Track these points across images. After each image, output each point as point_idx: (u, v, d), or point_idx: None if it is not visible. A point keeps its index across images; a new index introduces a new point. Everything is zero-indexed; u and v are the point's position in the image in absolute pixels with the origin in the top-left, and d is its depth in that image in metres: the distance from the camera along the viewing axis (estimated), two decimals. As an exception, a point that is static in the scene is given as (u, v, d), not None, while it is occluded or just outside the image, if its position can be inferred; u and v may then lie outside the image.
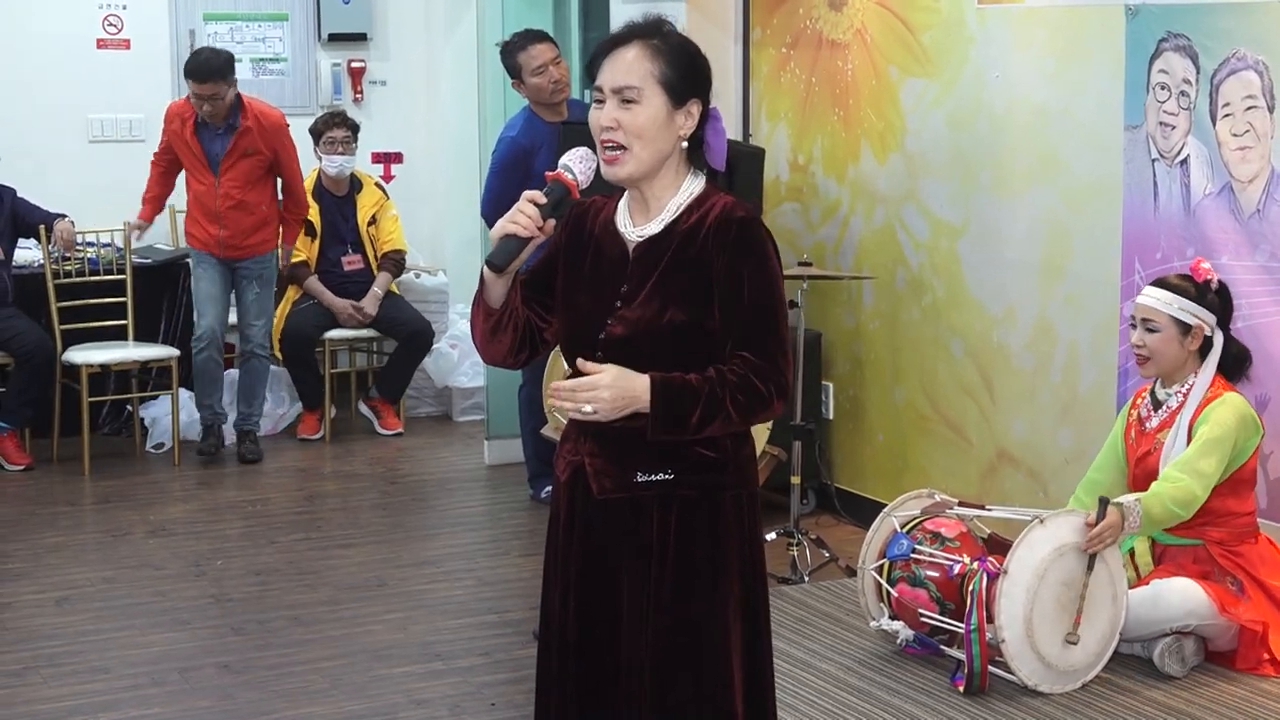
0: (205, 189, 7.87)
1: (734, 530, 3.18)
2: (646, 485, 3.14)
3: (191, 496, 7.46)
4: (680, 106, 3.12)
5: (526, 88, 6.91)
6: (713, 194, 3.17)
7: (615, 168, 3.12)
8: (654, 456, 3.13)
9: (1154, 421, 5.15)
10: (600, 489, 3.17)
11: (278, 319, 8.52)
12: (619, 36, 3.16)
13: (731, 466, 3.17)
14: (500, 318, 3.21)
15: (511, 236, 3.07)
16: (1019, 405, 6.10)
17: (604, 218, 3.25)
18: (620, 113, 3.10)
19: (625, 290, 3.14)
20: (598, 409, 3.01)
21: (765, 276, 3.10)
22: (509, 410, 7.51)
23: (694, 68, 3.15)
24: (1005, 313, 6.13)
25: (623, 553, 3.17)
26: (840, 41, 6.79)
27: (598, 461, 3.18)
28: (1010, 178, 6.07)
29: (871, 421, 6.84)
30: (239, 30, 9.39)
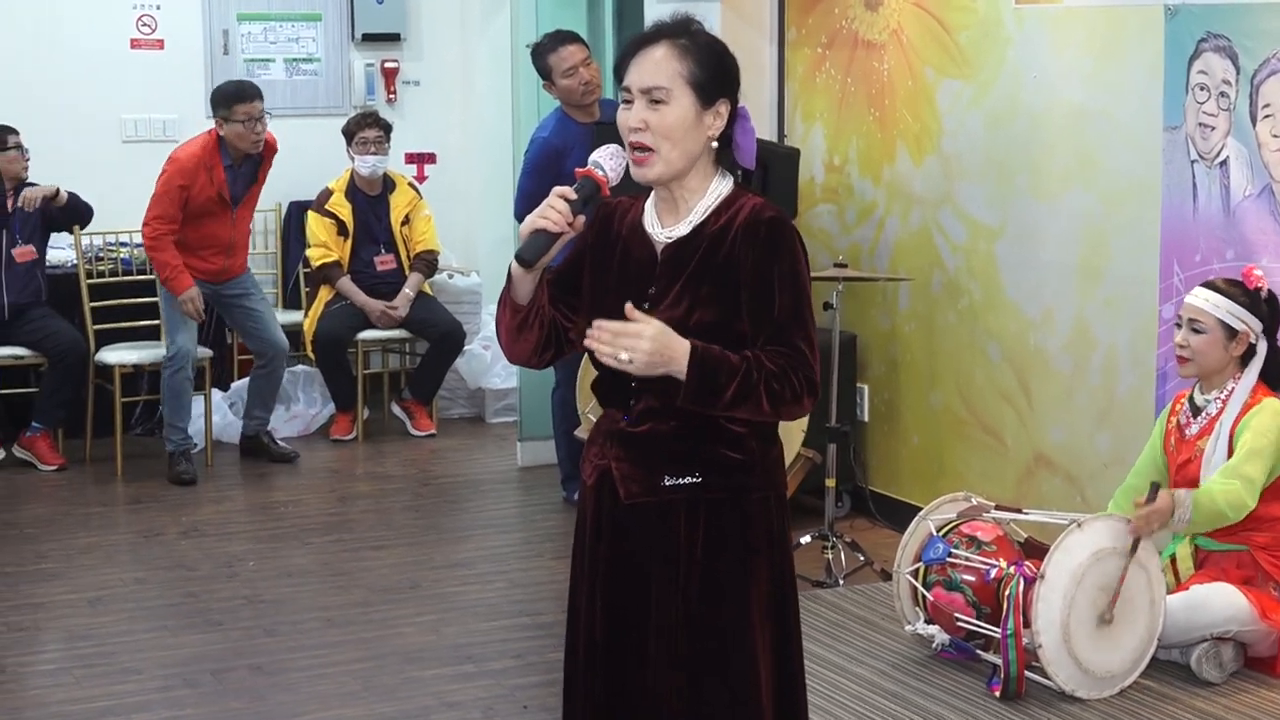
0: (221, 225, 7.84)
1: (762, 533, 3.18)
2: (674, 489, 3.14)
3: (224, 498, 7.49)
4: (709, 106, 3.12)
5: (557, 89, 6.92)
6: (741, 195, 3.17)
7: (644, 169, 3.12)
8: (681, 460, 3.13)
9: (1193, 429, 5.12)
10: (628, 494, 3.17)
11: (310, 320, 8.55)
12: (646, 36, 3.16)
13: (759, 469, 3.16)
14: (526, 315, 3.20)
15: (541, 232, 3.07)
16: (1056, 409, 6.08)
17: (631, 218, 3.24)
18: (648, 113, 3.10)
19: (653, 292, 3.14)
20: (634, 359, 2.96)
21: (795, 277, 3.09)
22: (542, 412, 7.51)
23: (722, 67, 3.15)
24: (1043, 315, 6.11)
25: (650, 557, 3.17)
26: (876, 42, 6.78)
27: (624, 466, 3.17)
28: (1048, 179, 6.05)
29: (907, 424, 6.83)
30: (272, 30, 9.42)
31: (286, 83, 9.45)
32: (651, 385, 3.12)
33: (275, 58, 9.44)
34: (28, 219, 7.96)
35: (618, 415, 3.20)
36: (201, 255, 7.79)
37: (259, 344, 8.06)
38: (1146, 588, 4.93)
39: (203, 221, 7.75)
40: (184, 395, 7.75)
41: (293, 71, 9.48)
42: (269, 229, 9.35)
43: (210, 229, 7.80)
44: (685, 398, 3.01)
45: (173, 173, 7.66)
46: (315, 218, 8.59)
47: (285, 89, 9.45)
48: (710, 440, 3.13)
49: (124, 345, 8.07)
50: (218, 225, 7.82)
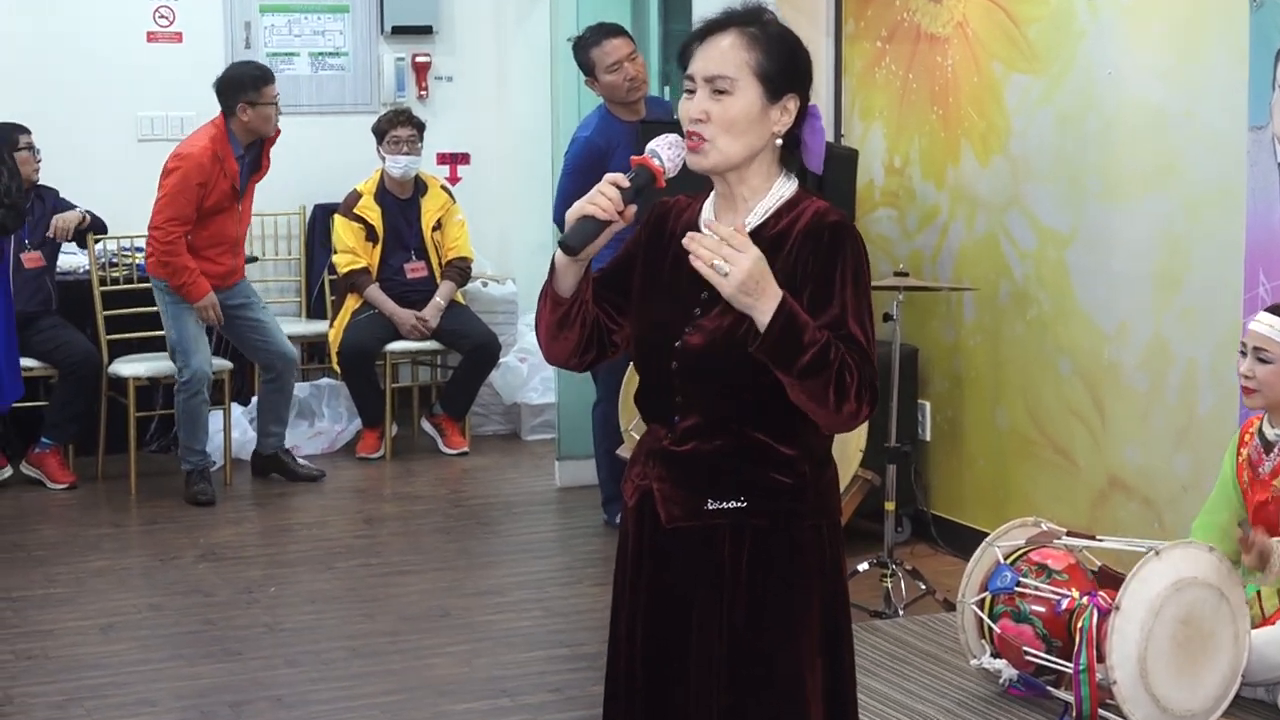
0: (229, 221, 7.87)
1: (813, 563, 3.16)
2: (717, 513, 3.13)
3: (243, 518, 7.52)
4: (776, 101, 3.12)
5: (600, 85, 6.94)
6: (804, 198, 3.17)
7: (699, 156, 3.12)
8: (725, 482, 3.12)
9: (1267, 466, 5.07)
10: (669, 517, 3.17)
11: (335, 330, 8.58)
12: (714, 23, 3.15)
13: (810, 493, 3.15)
14: (569, 310, 3.19)
15: (589, 218, 3.07)
16: (1132, 428, 6.06)
17: (687, 218, 3.24)
18: (711, 103, 3.10)
19: (705, 298, 3.13)
20: (730, 274, 2.93)
21: (857, 282, 3.09)
22: (582, 429, 7.52)
23: (793, 60, 3.15)
24: (1117, 328, 6.09)
25: (693, 585, 3.16)
26: (940, 35, 6.77)
27: (666, 487, 3.17)
28: (1123, 183, 6.03)
29: (972, 444, 6.81)
30: (297, 22, 9.46)
31: (311, 78, 9.49)
32: (697, 400, 3.12)
33: (300, 51, 9.48)
34: (38, 225, 8.02)
35: (661, 432, 3.20)
36: (209, 256, 7.79)
37: (267, 356, 8.06)
38: (1230, 621, 4.90)
39: (213, 219, 7.77)
40: (200, 418, 7.78)
41: (318, 66, 9.52)
42: (292, 234, 9.40)
43: (219, 226, 7.81)
44: (763, 344, 2.97)
45: (188, 170, 7.65)
46: (342, 222, 8.62)
47: (310, 85, 9.50)
48: (757, 462, 3.12)
49: (139, 357, 8.11)
50: (226, 221, 7.84)
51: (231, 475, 8.07)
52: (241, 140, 7.80)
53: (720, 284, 2.95)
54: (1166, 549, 4.90)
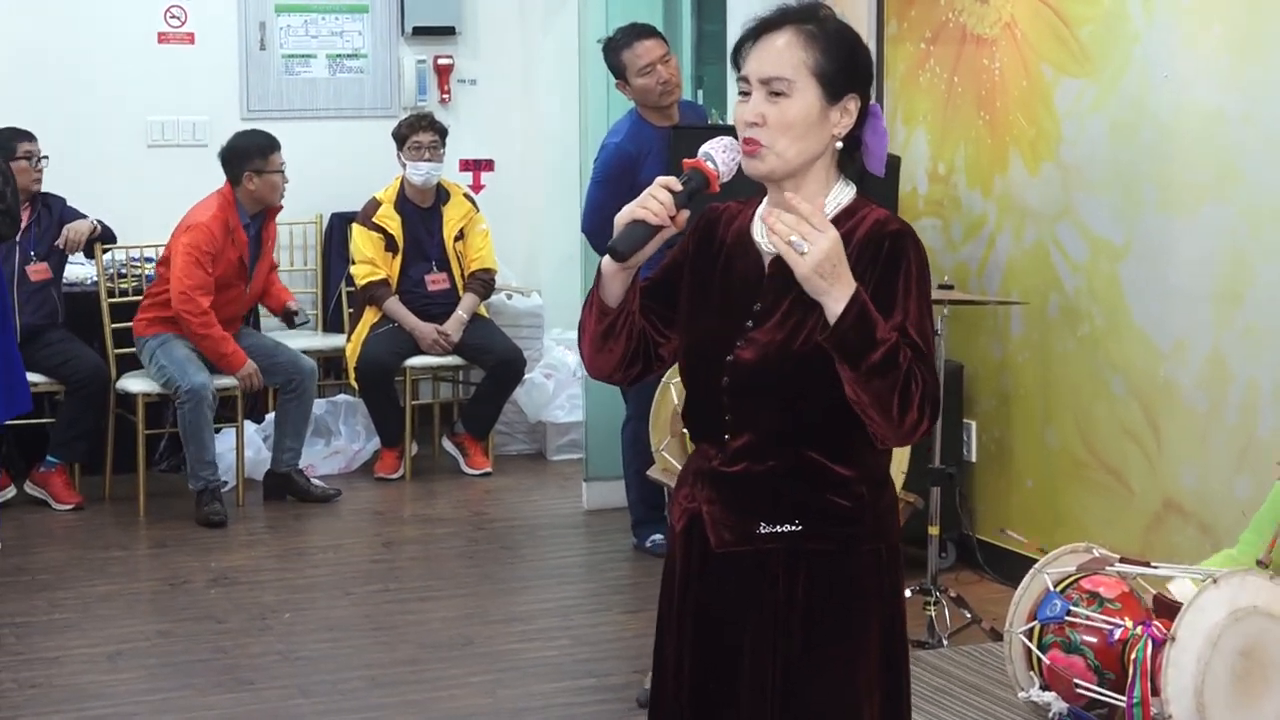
0: (236, 299, 8.04)
1: (872, 590, 3.16)
2: (770, 538, 3.13)
3: (257, 542, 7.54)
4: (836, 102, 3.12)
5: (632, 89, 6.95)
6: (864, 205, 3.16)
7: (756, 161, 3.11)
8: (779, 505, 3.12)
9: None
10: (719, 541, 3.17)
11: (353, 344, 8.60)
12: (769, 20, 3.16)
13: (869, 516, 3.15)
14: (614, 320, 3.19)
15: (639, 223, 3.07)
16: (1189, 450, 6.04)
17: (738, 226, 3.24)
18: (767, 106, 3.10)
19: (758, 309, 3.14)
20: (808, 252, 2.92)
21: (921, 297, 3.09)
22: (610, 448, 7.53)
23: (853, 58, 3.14)
24: (1174, 345, 6.08)
25: (745, 611, 3.16)
26: (987, 36, 6.77)
27: (716, 509, 3.17)
28: (1180, 192, 6.02)
29: (1020, 465, 6.80)
30: (314, 23, 9.50)
31: (329, 81, 9.53)
32: (749, 418, 3.12)
33: (317, 53, 9.52)
34: (44, 234, 8.05)
35: (710, 452, 3.20)
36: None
37: (282, 371, 8.09)
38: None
39: (218, 295, 7.90)
40: (204, 431, 7.80)
41: (336, 69, 9.56)
42: (308, 244, 9.43)
43: (224, 299, 7.95)
44: (834, 333, 2.95)
45: (198, 238, 7.80)
46: (360, 231, 8.65)
47: (328, 88, 9.54)
48: (813, 483, 3.12)
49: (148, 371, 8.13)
50: (232, 299, 8.00)
51: (244, 496, 8.09)
52: (249, 209, 7.99)
53: (796, 263, 2.94)
54: (1224, 576, 4.88)
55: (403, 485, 8.52)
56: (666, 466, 5.74)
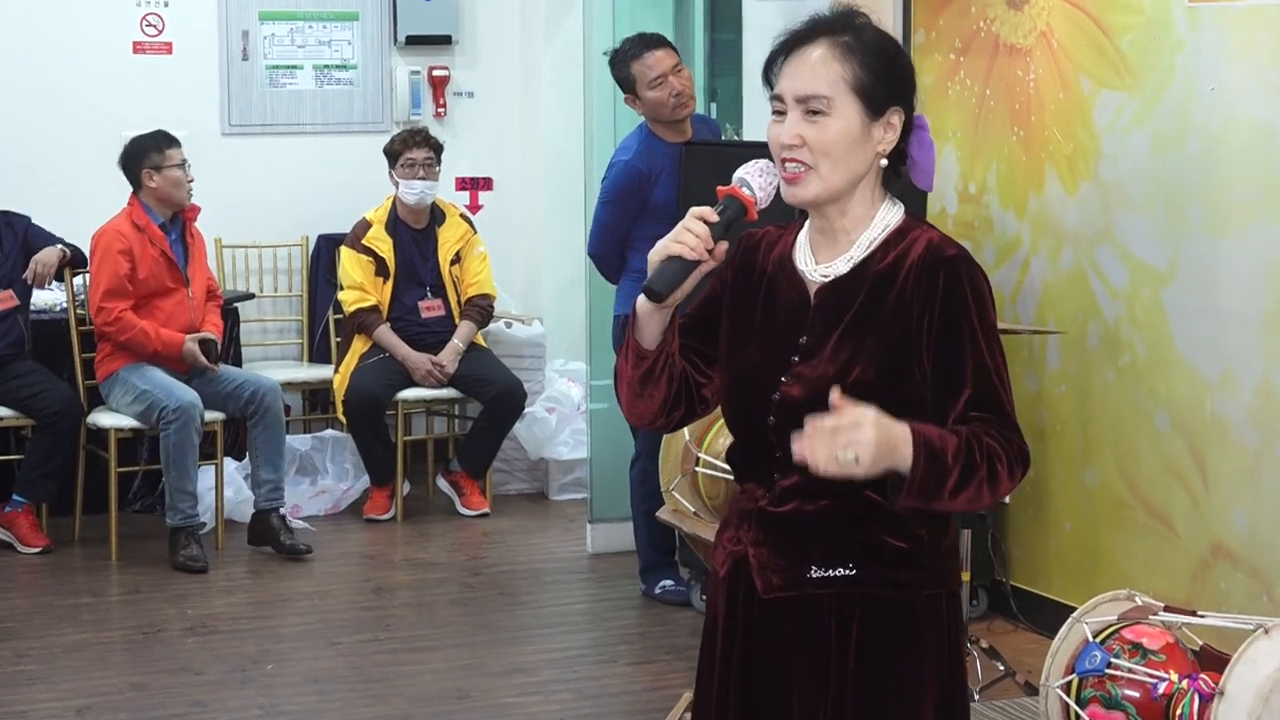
0: (178, 304, 8.05)
1: (931, 639, 3.16)
2: (822, 582, 3.12)
3: (237, 587, 7.54)
4: (878, 117, 3.11)
5: (643, 103, 6.96)
6: (914, 226, 3.16)
7: (797, 187, 3.11)
8: (832, 547, 3.12)
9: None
10: (767, 586, 3.16)
11: (341, 376, 8.61)
12: (801, 33, 3.15)
13: (928, 560, 3.15)
14: (654, 364, 3.18)
15: (675, 259, 3.06)
16: (1238, 490, 6.04)
17: (779, 253, 3.24)
18: (806, 127, 3.09)
19: (804, 343, 3.13)
20: (860, 455, 2.88)
21: (990, 330, 3.09)
22: (617, 488, 7.53)
23: (894, 69, 3.14)
24: (1221, 376, 6.08)
25: (794, 663, 3.16)
26: (1021, 46, 6.79)
27: (763, 553, 3.16)
28: (1228, 212, 6.02)
29: (1057, 507, 6.80)
30: (300, 31, 9.54)
31: (316, 93, 9.56)
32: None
33: (303, 64, 9.56)
34: (7, 258, 8.06)
35: (758, 492, 3.20)
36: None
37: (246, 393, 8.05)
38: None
39: (158, 303, 7.96)
40: (189, 455, 7.80)
41: (324, 80, 9.59)
42: (293, 267, 9.45)
43: (168, 312, 7.99)
44: (908, 494, 2.97)
45: (107, 241, 7.94)
46: (350, 254, 8.66)
47: (314, 101, 9.57)
48: (868, 524, 3.11)
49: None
50: (175, 305, 8.02)
51: (224, 538, 8.09)
52: (160, 213, 8.03)
53: (854, 471, 2.89)
54: (1276, 626, 4.88)
55: (394, 527, 8.52)
56: (677, 507, 5.74)
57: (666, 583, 7.20)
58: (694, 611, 6.92)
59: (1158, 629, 5.20)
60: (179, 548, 7.74)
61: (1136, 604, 5.32)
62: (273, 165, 9.39)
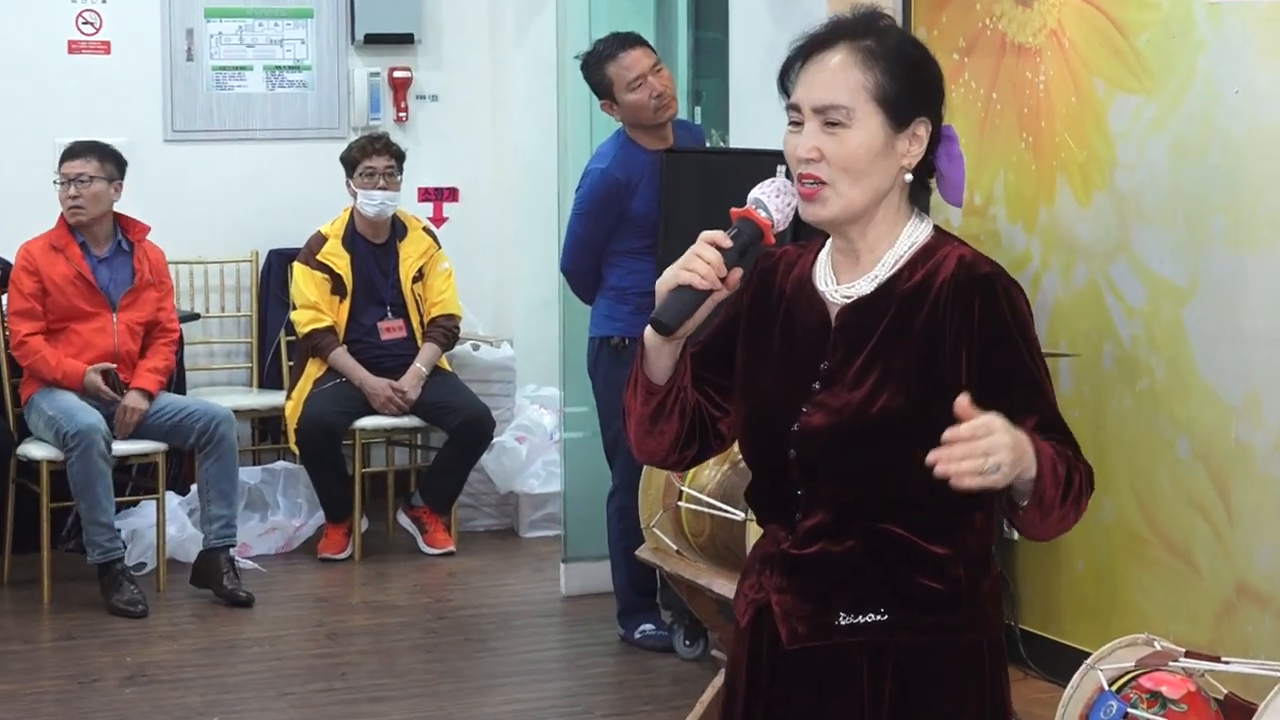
0: (99, 331, 8.03)
1: (971, 689, 3.16)
2: (852, 629, 3.12)
3: (180, 633, 7.52)
4: (903, 129, 3.12)
5: (620, 107, 6.96)
6: (944, 243, 3.16)
7: (816, 206, 3.11)
8: (862, 592, 3.11)
9: None
10: (792, 636, 3.16)
11: (293, 403, 8.60)
12: (819, 38, 3.14)
13: (967, 603, 3.14)
14: (665, 399, 3.19)
15: (685, 288, 3.06)
16: (1266, 525, 6.05)
17: (798, 274, 3.24)
18: (824, 139, 3.09)
19: (826, 368, 3.13)
20: (1002, 462, 2.84)
21: (1033, 347, 3.10)
22: (593, 525, 7.53)
23: (920, 76, 3.15)
24: (1247, 401, 6.09)
25: (825, 716, 3.15)
26: (1030, 46, 6.80)
27: (787, 599, 3.16)
28: (1253, 224, 6.04)
29: (1069, 543, 6.80)
30: (250, 30, 9.53)
31: (267, 97, 9.56)
32: (822, 493, 3.11)
33: (253, 65, 9.55)
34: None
35: (780, 534, 3.19)
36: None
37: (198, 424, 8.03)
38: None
39: (75, 326, 7.96)
40: (98, 484, 7.75)
41: (275, 83, 9.59)
42: (242, 285, 9.44)
43: (85, 335, 7.98)
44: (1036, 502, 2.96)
45: (18, 259, 8.01)
46: (303, 271, 8.66)
47: (265, 105, 9.56)
48: (901, 565, 3.11)
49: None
50: (95, 331, 8.00)
51: (166, 579, 8.07)
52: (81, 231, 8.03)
53: (995, 482, 2.86)
54: (1308, 672, 4.89)
55: (351, 567, 8.51)
56: (658, 545, 5.75)
57: (647, 627, 7.19)
58: (676, 658, 6.91)
59: (1179, 676, 5.21)
60: (115, 589, 7.72)
61: (1155, 649, 5.33)
62: (219, 175, 9.37)
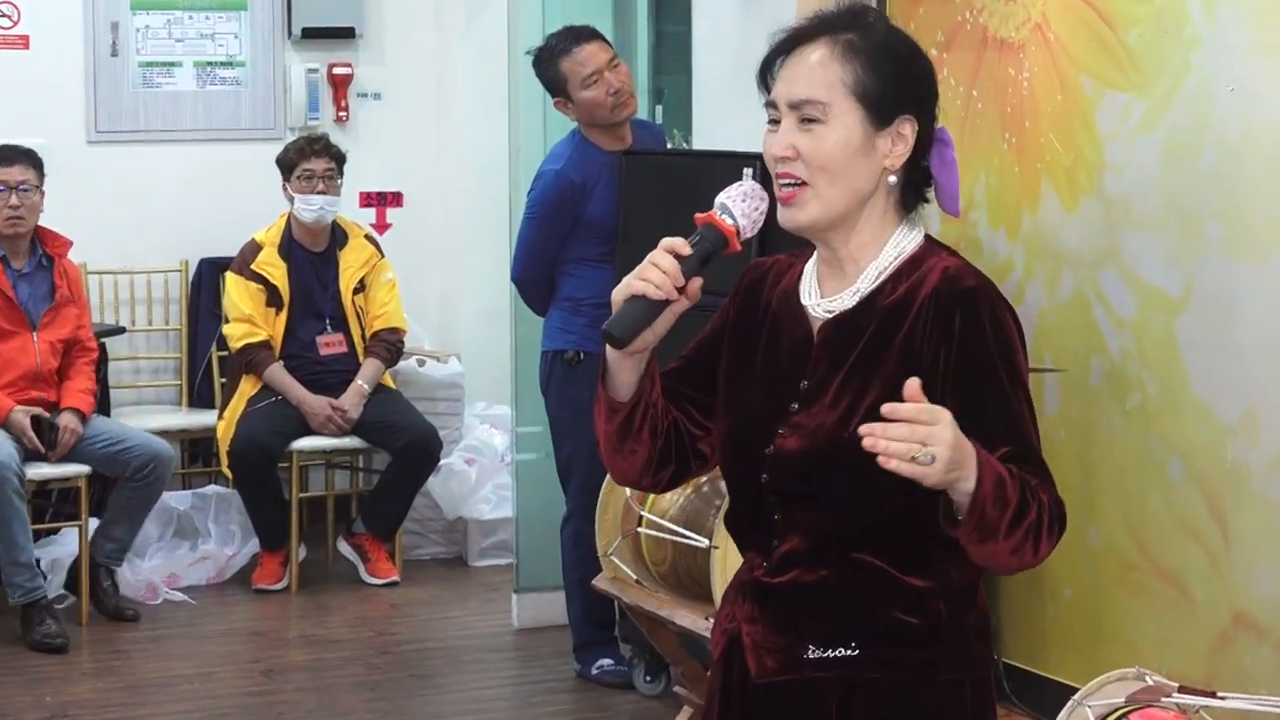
0: (21, 350, 8.06)
1: None
2: (821, 664, 3.12)
3: (105, 669, 7.51)
4: (884, 127, 3.13)
5: (576, 106, 6.97)
6: (931, 253, 3.17)
7: (793, 209, 3.11)
8: (833, 624, 3.11)
9: None
10: (761, 669, 3.17)
11: (226, 423, 8.58)
12: (801, 31, 3.16)
13: (948, 639, 3.14)
14: (630, 417, 3.18)
15: (639, 298, 3.05)
16: (1264, 550, 6.07)
17: (785, 286, 3.25)
18: (799, 136, 3.10)
19: (806, 387, 3.14)
20: (937, 456, 2.82)
21: (1015, 378, 3.10)
22: (547, 552, 7.53)
23: (906, 72, 3.17)
24: (1243, 419, 6.11)
25: None
26: (1013, 41, 6.82)
27: (758, 630, 3.17)
28: (1250, 230, 6.06)
29: (1055, 571, 6.81)
30: (179, 23, 9.52)
31: (198, 94, 9.55)
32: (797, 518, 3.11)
33: (182, 60, 9.55)
34: None
35: (756, 560, 3.20)
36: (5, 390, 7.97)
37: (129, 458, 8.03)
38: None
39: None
40: (13, 522, 7.75)
41: (206, 79, 9.58)
42: (170, 297, 9.43)
43: (5, 354, 8.00)
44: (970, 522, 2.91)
45: None
46: (237, 282, 8.65)
47: (195, 103, 9.56)
48: (876, 597, 3.11)
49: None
50: (15, 350, 8.02)
51: (88, 613, 8.05)
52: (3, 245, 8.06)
53: (926, 475, 2.84)
54: (1309, 708, 4.91)
55: (287, 599, 8.49)
56: (617, 574, 5.76)
57: (605, 662, 7.20)
58: (636, 695, 6.92)
59: (1172, 713, 5.23)
60: (33, 624, 7.70)
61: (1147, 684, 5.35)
62: (146, 178, 9.35)
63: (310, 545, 8.87)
